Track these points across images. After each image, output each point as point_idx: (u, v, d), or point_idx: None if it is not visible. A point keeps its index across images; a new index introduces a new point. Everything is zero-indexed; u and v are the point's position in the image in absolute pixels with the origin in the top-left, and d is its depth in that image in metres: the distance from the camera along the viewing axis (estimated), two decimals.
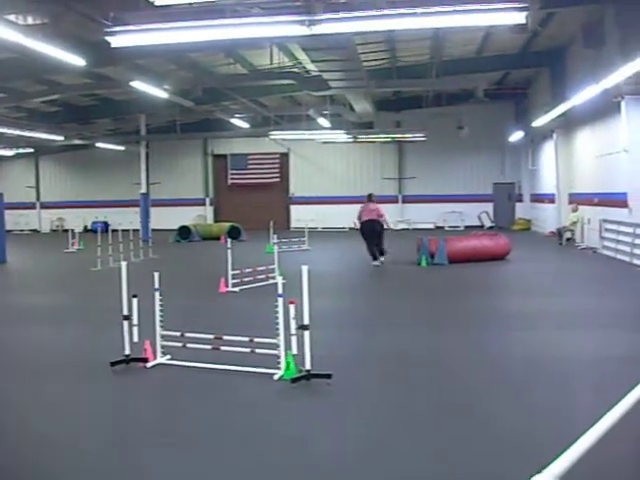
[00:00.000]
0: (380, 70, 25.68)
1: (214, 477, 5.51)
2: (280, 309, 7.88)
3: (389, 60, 25.79)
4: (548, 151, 30.23)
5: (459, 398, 7.38)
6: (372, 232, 19.60)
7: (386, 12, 11.24)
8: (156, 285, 8.73)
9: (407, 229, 35.39)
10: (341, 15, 11.43)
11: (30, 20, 16.27)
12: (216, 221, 37.46)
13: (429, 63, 25.07)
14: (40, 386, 8.25)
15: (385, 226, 20.02)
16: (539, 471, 2.91)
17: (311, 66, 20.58)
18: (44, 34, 14.63)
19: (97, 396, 7.78)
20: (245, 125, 31.70)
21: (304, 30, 11.64)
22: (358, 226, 20.33)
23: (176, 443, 6.20)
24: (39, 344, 10.83)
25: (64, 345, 10.70)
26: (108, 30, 12.89)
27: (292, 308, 7.68)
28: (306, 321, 7.65)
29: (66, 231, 32.79)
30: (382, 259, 19.65)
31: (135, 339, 8.61)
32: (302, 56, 20.68)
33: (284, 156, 38.30)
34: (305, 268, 7.70)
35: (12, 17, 15.41)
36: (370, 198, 20.28)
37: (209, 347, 8.56)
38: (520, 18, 10.79)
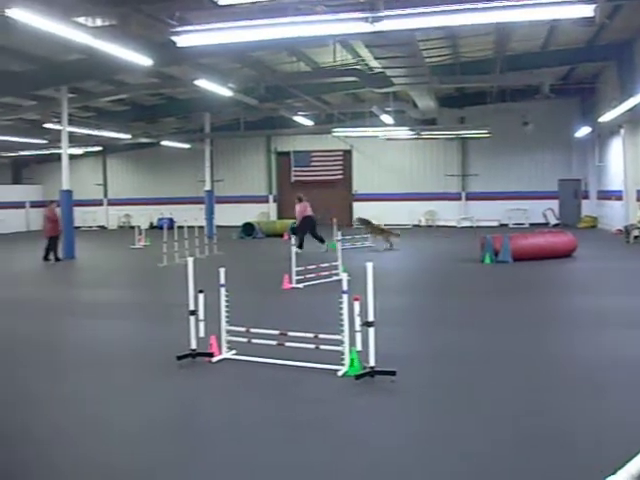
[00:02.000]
0: (443, 66, 25.50)
1: (278, 474, 5.54)
2: (345, 306, 7.90)
3: (452, 56, 25.59)
4: (616, 147, 29.62)
5: (526, 397, 7.30)
6: (314, 224, 23.78)
7: (449, 7, 11.18)
8: (222, 281, 8.84)
9: (470, 227, 35.08)
10: (404, 11, 11.40)
11: (99, 22, 16.61)
12: (279, 218, 37.65)
13: (493, 58, 24.79)
14: (107, 379, 8.44)
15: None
16: (614, 472, 2.87)
17: (374, 63, 20.57)
18: (112, 35, 14.94)
19: (163, 390, 7.93)
20: (308, 122, 31.80)
21: (367, 27, 11.64)
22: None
23: (240, 438, 6.28)
24: (106, 338, 11.06)
25: (131, 339, 10.92)
26: (174, 30, 13.10)
27: (357, 305, 7.70)
28: (371, 318, 7.66)
29: (132, 227, 33.40)
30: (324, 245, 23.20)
31: (201, 334, 8.74)
32: (365, 53, 20.66)
33: (347, 153, 38.30)
34: (370, 265, 7.71)
35: (82, 19, 15.75)
36: (301, 200, 24.35)
37: (274, 343, 8.63)
38: (588, 11, 10.59)
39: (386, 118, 28.68)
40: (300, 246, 22.20)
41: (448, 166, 37.20)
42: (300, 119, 31.17)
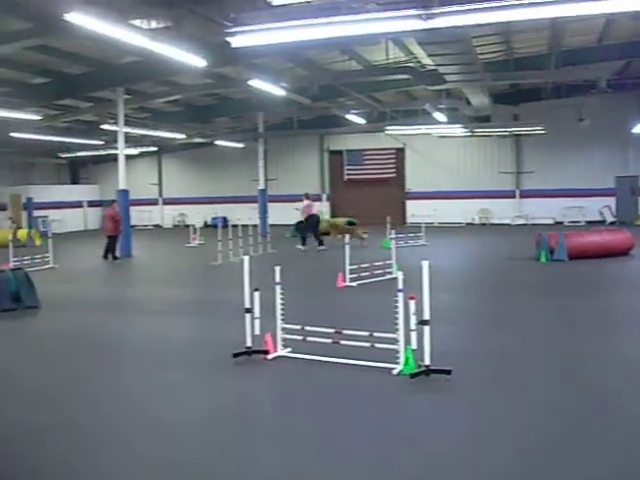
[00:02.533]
0: (496, 62, 25.21)
1: (333, 472, 5.56)
2: (400, 304, 7.90)
3: (505, 52, 25.29)
4: None
5: (585, 397, 7.23)
6: (317, 222, 24.99)
7: (504, 3, 11.06)
8: (277, 279, 8.91)
9: (525, 224, 34.66)
10: (458, 8, 11.32)
11: (154, 24, 16.82)
12: (332, 216, 37.66)
13: (547, 54, 24.42)
14: (163, 375, 8.60)
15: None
16: None
17: (427, 60, 20.43)
18: (167, 37, 15.12)
19: (219, 386, 8.04)
20: (361, 121, 31.76)
21: (421, 24, 11.57)
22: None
23: (295, 436, 6.33)
24: (163, 335, 11.23)
25: (187, 336, 11.07)
26: (228, 31, 13.20)
27: (412, 303, 7.69)
28: (426, 316, 7.65)
29: (187, 226, 33.74)
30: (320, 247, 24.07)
31: (257, 332, 8.81)
32: (417, 50, 20.56)
33: (400, 151, 38.13)
34: (425, 263, 7.70)
35: (137, 22, 15.98)
36: (308, 197, 25.62)
37: (329, 341, 8.67)
38: None
39: (439, 116, 28.50)
40: (303, 243, 24.42)
41: (502, 163, 36.78)
42: (353, 117, 31.15)
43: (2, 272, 13.77)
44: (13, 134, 29.08)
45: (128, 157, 25.52)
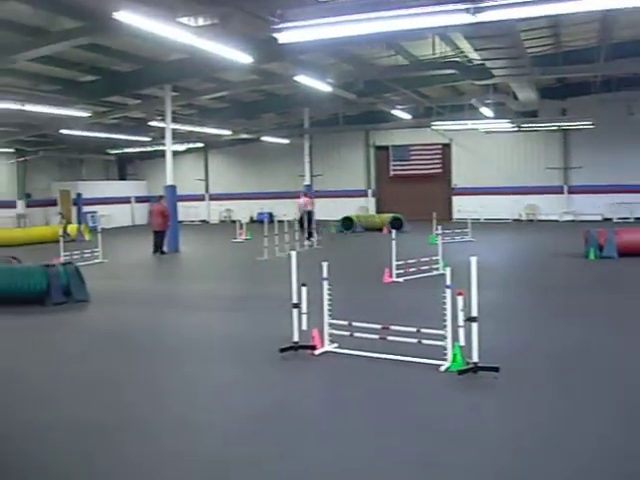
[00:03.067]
0: (544, 56, 24.86)
1: (380, 469, 5.55)
2: (448, 300, 7.87)
3: (554, 45, 24.94)
4: None
5: (635, 396, 7.12)
6: (311, 218, 25.73)
7: None
8: (324, 274, 8.92)
9: (573, 221, 34.20)
10: (507, 1, 11.19)
11: (201, 21, 16.92)
12: (378, 212, 37.61)
13: (597, 47, 24.04)
14: (210, 370, 8.70)
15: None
16: None
17: (474, 55, 20.25)
18: (214, 34, 15.22)
19: (266, 381, 8.08)
20: (407, 116, 31.63)
21: (469, 18, 11.46)
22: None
23: (341, 432, 6.34)
24: (209, 329, 11.36)
25: (233, 331, 11.15)
26: (275, 27, 13.25)
27: (460, 300, 7.65)
28: (474, 313, 7.61)
29: (233, 222, 33.97)
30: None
31: (304, 327, 8.84)
32: (464, 45, 20.38)
33: (446, 147, 37.88)
34: (474, 259, 7.65)
35: (185, 19, 16.11)
36: (306, 194, 27.47)
37: (376, 337, 8.67)
38: None
39: (486, 110, 28.27)
40: (309, 237, 25.20)
41: (549, 159, 36.29)
42: (398, 113, 31.04)
43: (53, 266, 14.00)
44: (63, 131, 29.61)
45: (175, 153, 25.77)
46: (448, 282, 7.96)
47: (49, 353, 9.92)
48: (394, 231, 16.17)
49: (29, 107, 22.23)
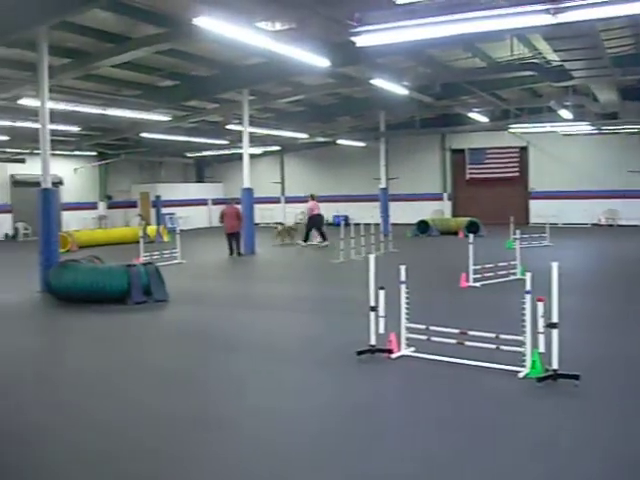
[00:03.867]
0: (626, 57, 24.23)
1: (454, 475, 5.51)
2: (527, 306, 7.76)
3: (635, 45, 24.32)
4: None
5: None
6: (321, 222, 27.26)
7: None
8: (402, 278, 8.90)
9: None
10: (588, 1, 10.98)
11: (278, 26, 17.09)
12: (454, 216, 37.31)
13: None
14: (286, 370, 8.77)
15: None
16: None
17: (552, 56, 19.92)
18: (291, 38, 15.35)
19: (342, 383, 8.12)
20: (484, 119, 31.30)
21: (549, 19, 11.30)
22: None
23: (416, 437, 6.31)
24: (284, 330, 11.46)
25: (309, 332, 11.24)
26: (353, 31, 13.29)
27: (540, 305, 7.54)
28: (555, 319, 7.48)
29: None
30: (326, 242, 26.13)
31: (381, 330, 8.83)
32: (543, 46, 20.07)
33: (523, 150, 37.32)
34: (555, 265, 7.53)
35: (262, 24, 16.29)
36: (313, 198, 27.60)
37: (453, 341, 8.60)
38: None
39: (565, 113, 27.74)
40: (306, 240, 26.76)
41: (630, 162, 35.29)
42: (475, 116, 30.74)
43: (134, 266, 14.33)
44: (143, 134, 30.28)
45: (252, 156, 26.03)
46: (528, 287, 7.85)
47: (130, 350, 10.17)
48: (471, 235, 15.99)
49: (111, 111, 22.85)
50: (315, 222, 27.14)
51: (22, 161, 32.41)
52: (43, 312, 13.98)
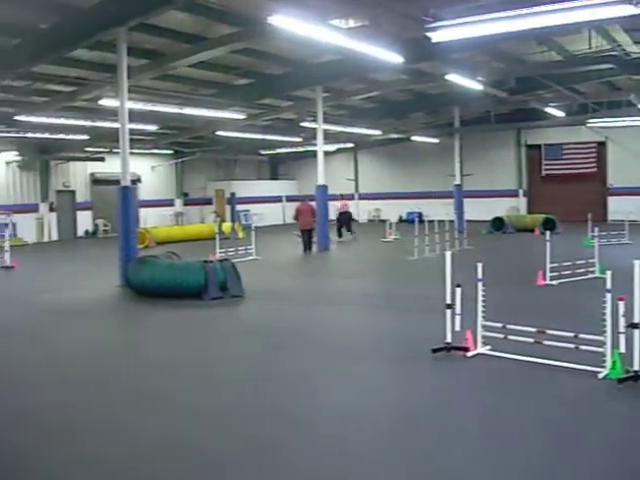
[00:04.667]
0: None
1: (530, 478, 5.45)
2: (608, 305, 7.61)
3: None
4: None
5: None
6: (349, 219, 29.11)
7: None
8: (479, 275, 8.83)
9: None
10: None
11: (352, 23, 17.12)
12: (529, 212, 36.74)
13: None
14: (361, 366, 8.81)
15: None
16: None
17: (632, 48, 19.49)
18: (364, 35, 15.37)
19: (417, 380, 8.11)
20: (560, 114, 30.74)
21: (630, 9, 11.04)
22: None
23: (491, 436, 6.27)
24: (360, 326, 11.52)
25: (385, 328, 11.26)
26: (428, 26, 13.24)
27: (621, 305, 7.38)
28: (637, 319, 7.32)
29: (383, 221, 34.12)
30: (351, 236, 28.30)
31: (457, 328, 8.79)
32: (622, 38, 19.63)
33: (601, 145, 36.47)
34: (637, 263, 7.36)
35: (336, 22, 16.34)
36: (342, 197, 30.05)
37: (531, 340, 8.49)
38: None
39: None
40: (340, 236, 28.20)
41: None
42: (551, 110, 30.21)
43: (211, 262, 14.57)
44: (219, 132, 30.69)
45: (325, 153, 26.12)
46: (608, 286, 7.69)
47: (206, 345, 10.35)
48: (547, 232, 15.73)
49: (187, 110, 23.24)
50: (344, 219, 28.94)
51: (102, 159, 33.20)
52: (123, 306, 14.33)
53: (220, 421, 6.85)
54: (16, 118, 23.52)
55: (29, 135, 27.32)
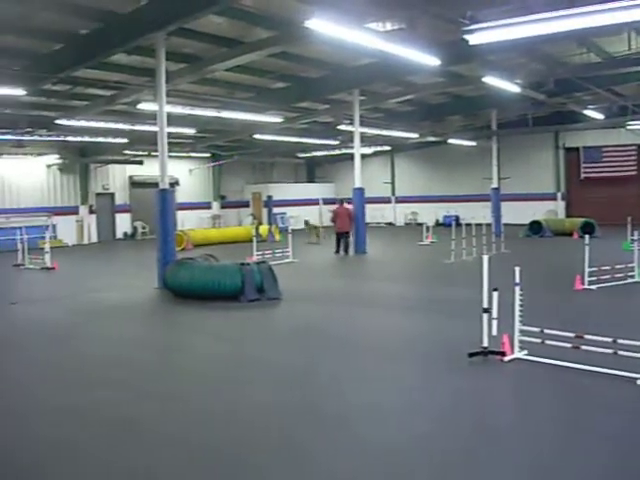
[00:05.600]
0: None
1: None
2: None
3: None
4: None
5: None
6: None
7: None
8: (517, 279, 8.77)
9: None
10: None
11: (389, 26, 17.13)
12: (568, 216, 36.37)
13: None
14: (397, 368, 8.83)
15: None
16: None
17: None
18: (401, 38, 15.36)
19: (453, 384, 8.06)
20: (599, 116, 30.38)
21: None
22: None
23: (527, 441, 6.22)
24: (396, 329, 11.52)
25: (421, 331, 11.25)
26: (466, 29, 13.19)
27: None
28: None
29: (419, 224, 34.02)
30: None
31: (494, 332, 8.74)
32: None
33: None
34: None
35: (373, 25, 16.36)
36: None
37: (568, 345, 8.42)
38: None
39: None
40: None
41: None
42: (590, 113, 29.88)
43: (248, 265, 14.66)
44: (256, 136, 30.85)
45: (362, 156, 26.12)
46: None
47: (244, 346, 10.43)
48: (586, 236, 15.57)
49: (225, 114, 23.38)
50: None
51: (140, 163, 33.54)
52: (161, 308, 14.48)
53: (257, 420, 6.89)
54: (57, 122, 23.88)
55: (70, 139, 27.76)
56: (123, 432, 6.73)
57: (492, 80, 20.64)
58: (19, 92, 17.63)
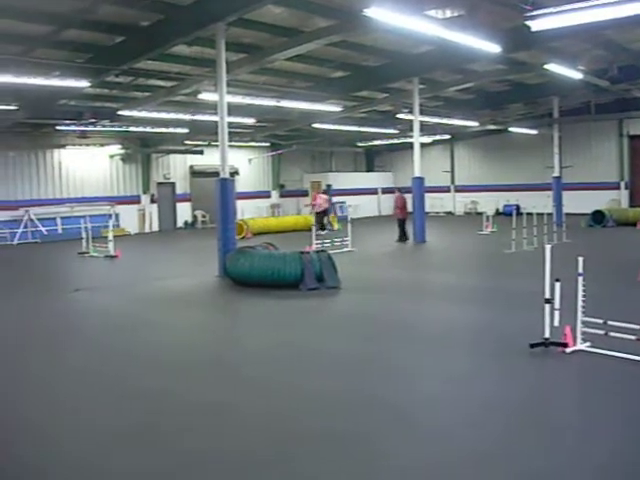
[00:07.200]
0: None
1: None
2: None
3: None
4: None
5: None
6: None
7: None
8: (580, 270, 8.64)
9: None
10: None
11: (448, 13, 17.01)
12: (631, 206, 35.60)
13: None
14: (455, 358, 8.81)
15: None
16: None
17: None
18: (461, 25, 15.22)
19: (515, 375, 8.00)
20: None
21: None
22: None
23: (589, 435, 6.14)
24: (456, 319, 11.43)
25: (481, 321, 11.16)
26: (528, 15, 13.03)
27: None
28: None
29: (479, 214, 33.71)
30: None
31: (556, 323, 8.64)
32: None
33: None
34: None
35: (432, 12, 16.26)
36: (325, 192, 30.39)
37: (632, 337, 8.28)
38: None
39: None
40: (322, 229, 28.68)
41: None
42: None
43: (307, 254, 14.75)
44: (315, 125, 30.90)
45: (421, 145, 25.96)
46: None
47: (303, 335, 10.48)
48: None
49: (284, 103, 23.50)
50: (324, 213, 29.89)
51: (200, 152, 33.90)
52: (222, 296, 14.66)
53: (318, 409, 6.95)
54: (120, 113, 24.28)
55: (132, 129, 28.19)
56: (215, 416, 6.87)
57: (554, 67, 20.36)
58: (83, 84, 17.98)
